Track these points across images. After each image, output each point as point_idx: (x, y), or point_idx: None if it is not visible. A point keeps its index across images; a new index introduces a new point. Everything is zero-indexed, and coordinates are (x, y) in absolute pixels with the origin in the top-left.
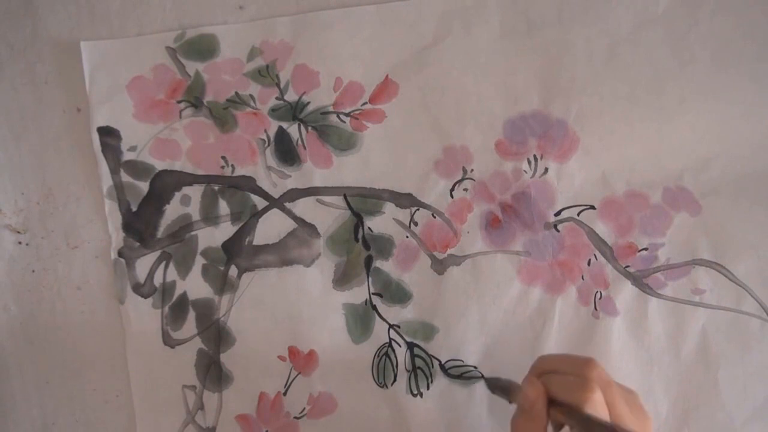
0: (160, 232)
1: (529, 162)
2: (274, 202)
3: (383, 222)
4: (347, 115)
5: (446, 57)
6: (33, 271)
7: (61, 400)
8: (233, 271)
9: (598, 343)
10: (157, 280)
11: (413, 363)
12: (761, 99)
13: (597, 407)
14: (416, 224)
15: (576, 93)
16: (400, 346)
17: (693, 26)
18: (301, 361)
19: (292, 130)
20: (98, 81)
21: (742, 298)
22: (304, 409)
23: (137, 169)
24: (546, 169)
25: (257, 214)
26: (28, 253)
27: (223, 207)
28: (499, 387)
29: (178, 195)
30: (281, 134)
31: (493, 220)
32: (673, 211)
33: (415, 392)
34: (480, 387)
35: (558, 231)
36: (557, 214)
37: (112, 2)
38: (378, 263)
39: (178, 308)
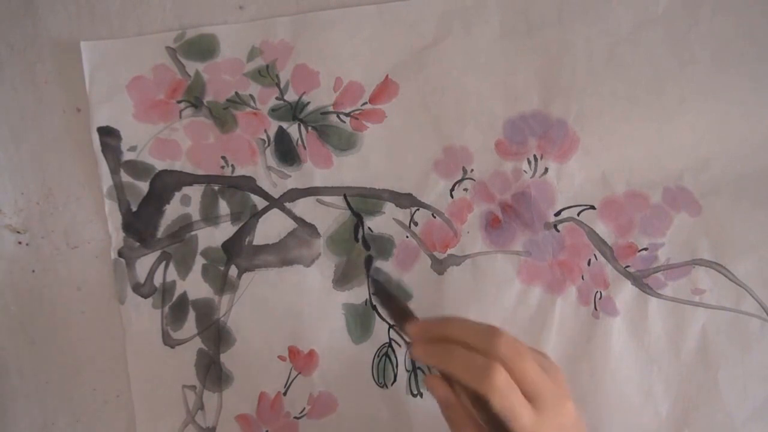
0: (160, 232)
1: (529, 162)
2: (274, 202)
3: (383, 222)
4: (347, 115)
5: (446, 57)
6: (33, 271)
7: (61, 400)
8: (233, 271)
9: (598, 343)
10: (157, 280)
11: (413, 363)
12: (761, 99)
13: (503, 390)
14: (416, 224)
15: (576, 93)
16: (400, 346)
17: (693, 26)
18: (301, 361)
19: (292, 130)
20: (98, 81)
21: (742, 298)
22: (304, 409)
23: (137, 169)
24: (546, 169)
25: (257, 214)
26: (28, 253)
27: (223, 207)
28: (393, 306)
29: (178, 195)
30: (281, 134)
31: (493, 220)
32: (673, 211)
33: (415, 392)
34: None
35: (558, 231)
36: (557, 214)
37: (112, 2)
38: (378, 263)
39: (178, 308)
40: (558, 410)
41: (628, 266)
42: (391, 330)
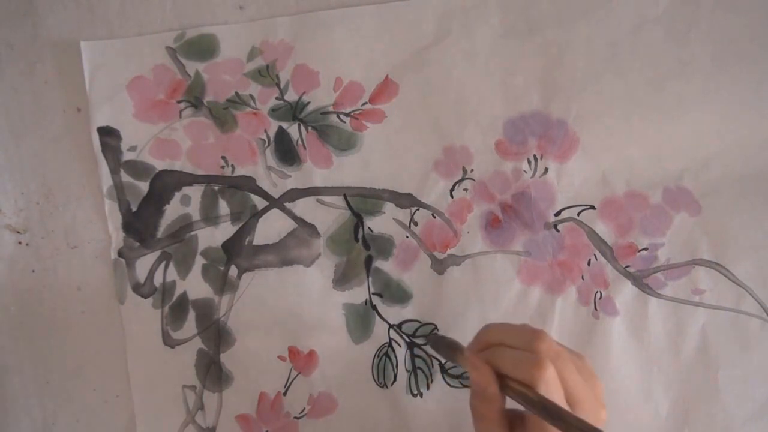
0: (160, 232)
1: (529, 162)
2: (274, 202)
3: (383, 222)
4: (347, 115)
5: (446, 57)
6: (33, 271)
7: (61, 400)
8: (233, 271)
9: (598, 343)
10: (157, 280)
11: (413, 363)
12: (761, 99)
13: (550, 385)
14: (416, 224)
15: (576, 93)
16: (400, 346)
17: (693, 26)
18: (301, 361)
19: (292, 130)
20: (98, 81)
21: (742, 298)
22: (304, 409)
23: (137, 169)
24: (546, 169)
25: (257, 214)
26: (28, 253)
27: (223, 207)
28: (444, 344)
29: (178, 195)
30: (281, 134)
31: (493, 220)
32: (673, 211)
33: (415, 392)
34: None
35: (558, 231)
36: (557, 214)
37: (112, 2)
38: (378, 263)
39: (178, 308)
40: (593, 417)
41: (628, 266)
42: (391, 330)
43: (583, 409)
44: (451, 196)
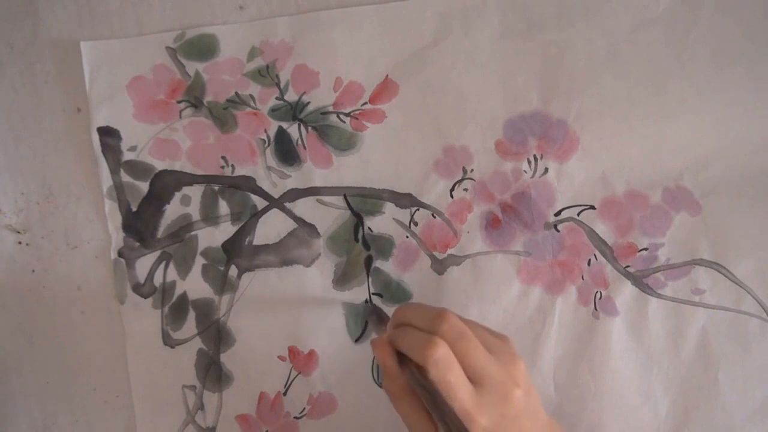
0: (160, 232)
1: (529, 162)
2: (274, 202)
3: (383, 222)
4: (347, 115)
5: (446, 57)
6: (33, 271)
7: (61, 400)
8: (233, 271)
9: (598, 344)
10: (157, 280)
11: None
12: (761, 99)
13: (439, 366)
14: (416, 224)
15: (576, 93)
16: None
17: (693, 26)
18: (301, 361)
19: (292, 130)
20: (98, 81)
21: (742, 298)
22: (304, 409)
23: (137, 169)
24: (546, 169)
25: (257, 214)
26: (28, 253)
27: (223, 207)
28: (375, 316)
29: (178, 195)
30: (281, 134)
31: (493, 220)
32: (673, 211)
33: None
34: None
35: (558, 231)
36: (557, 214)
37: (112, 2)
38: (378, 263)
39: (178, 308)
40: (502, 396)
41: (628, 266)
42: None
43: (489, 388)
44: (451, 196)
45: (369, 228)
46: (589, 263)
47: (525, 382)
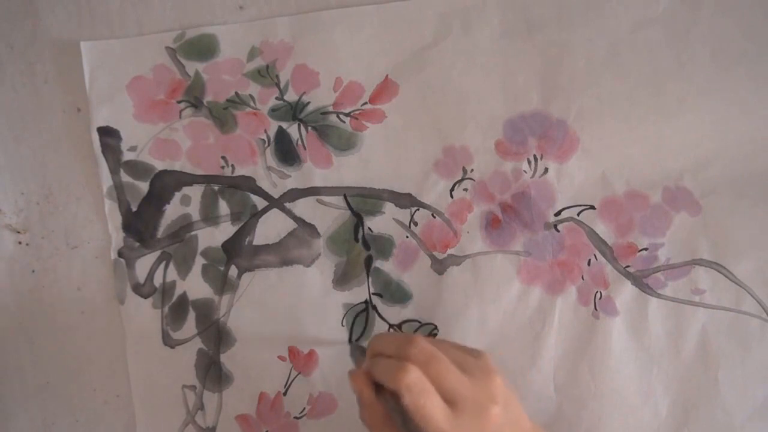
0: (160, 232)
1: (529, 162)
2: (274, 202)
3: (383, 222)
4: (347, 115)
5: (446, 57)
6: (33, 271)
7: (61, 400)
8: (233, 271)
9: (598, 344)
10: (157, 280)
11: None
12: (761, 99)
13: (413, 390)
14: (416, 224)
15: (576, 93)
16: None
17: (693, 26)
18: (301, 361)
19: (292, 130)
20: (98, 81)
21: (742, 298)
22: (304, 409)
23: (137, 169)
24: (546, 169)
25: (257, 214)
26: (28, 253)
27: (223, 207)
28: (357, 352)
29: (178, 195)
30: (281, 134)
31: (493, 220)
32: (673, 211)
33: None
34: None
35: (558, 231)
36: (557, 214)
37: (112, 2)
38: (378, 263)
39: (178, 308)
40: (479, 414)
41: (628, 266)
42: (391, 330)
43: (465, 408)
44: (451, 196)
45: (369, 228)
46: (589, 263)
47: (502, 397)
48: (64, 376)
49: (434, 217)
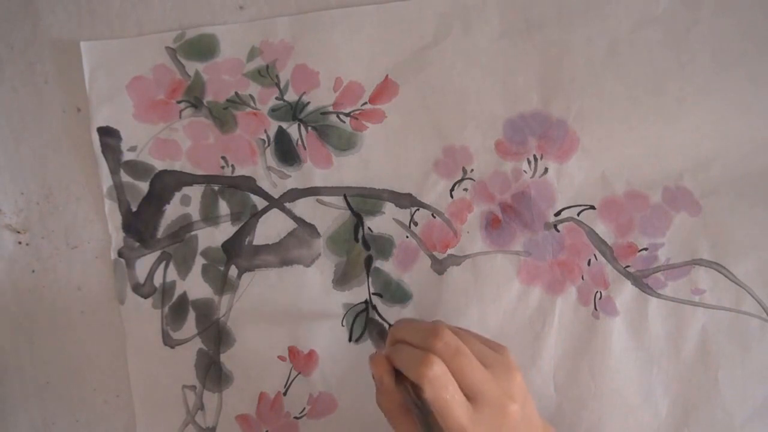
0: (160, 232)
1: (529, 162)
2: (274, 202)
3: (383, 222)
4: (347, 115)
5: (446, 57)
6: (33, 271)
7: (61, 400)
8: (233, 271)
9: (598, 344)
10: (157, 280)
11: None
12: (761, 99)
13: (435, 384)
14: (416, 224)
15: (576, 93)
16: None
17: (693, 26)
18: (301, 361)
19: (292, 130)
20: (98, 81)
21: (742, 298)
22: (304, 409)
23: (137, 169)
24: (546, 169)
25: (257, 214)
26: (28, 253)
27: (223, 207)
28: (375, 332)
29: (178, 195)
30: (281, 134)
31: (493, 220)
32: (673, 211)
33: None
34: None
35: (558, 231)
36: (557, 214)
37: (112, 2)
38: (378, 263)
39: (178, 308)
40: (498, 411)
41: (628, 266)
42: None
43: (485, 405)
44: (451, 196)
45: (369, 228)
46: (589, 263)
47: (521, 395)
48: (64, 376)
49: (434, 217)
